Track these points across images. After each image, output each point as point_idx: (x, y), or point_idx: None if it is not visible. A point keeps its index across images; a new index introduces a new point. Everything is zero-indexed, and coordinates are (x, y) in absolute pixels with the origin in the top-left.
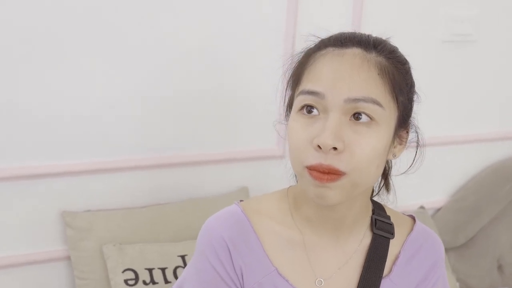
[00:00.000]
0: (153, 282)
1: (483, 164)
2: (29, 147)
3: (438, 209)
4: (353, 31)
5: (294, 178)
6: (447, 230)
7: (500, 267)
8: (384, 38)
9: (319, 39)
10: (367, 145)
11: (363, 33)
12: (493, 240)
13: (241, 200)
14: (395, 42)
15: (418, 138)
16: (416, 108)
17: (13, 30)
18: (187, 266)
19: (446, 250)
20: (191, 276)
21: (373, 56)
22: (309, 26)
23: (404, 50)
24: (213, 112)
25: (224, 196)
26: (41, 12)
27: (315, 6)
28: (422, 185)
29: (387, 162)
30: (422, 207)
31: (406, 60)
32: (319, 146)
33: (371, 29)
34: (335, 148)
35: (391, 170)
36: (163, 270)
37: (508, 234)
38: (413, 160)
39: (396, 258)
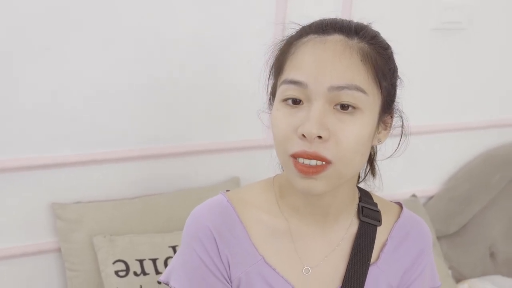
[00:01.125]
0: (144, 273)
1: (474, 153)
2: (19, 139)
3: (430, 198)
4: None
5: (280, 167)
6: (439, 219)
7: (492, 255)
8: (365, 23)
9: (300, 27)
10: (351, 132)
11: (344, 19)
12: (485, 228)
13: (227, 190)
14: (387, 30)
15: (402, 122)
16: (401, 93)
17: (4, 22)
18: (174, 256)
19: (439, 238)
20: (178, 266)
21: (355, 43)
22: (299, 15)
23: (395, 37)
24: (203, 103)
25: (216, 186)
26: (32, 5)
27: None
28: (414, 174)
29: (372, 147)
30: (414, 196)
31: (388, 45)
32: (303, 135)
33: (362, 16)
34: (319, 137)
35: (376, 155)
36: (154, 261)
37: (500, 222)
38: (398, 144)
39: (384, 245)
